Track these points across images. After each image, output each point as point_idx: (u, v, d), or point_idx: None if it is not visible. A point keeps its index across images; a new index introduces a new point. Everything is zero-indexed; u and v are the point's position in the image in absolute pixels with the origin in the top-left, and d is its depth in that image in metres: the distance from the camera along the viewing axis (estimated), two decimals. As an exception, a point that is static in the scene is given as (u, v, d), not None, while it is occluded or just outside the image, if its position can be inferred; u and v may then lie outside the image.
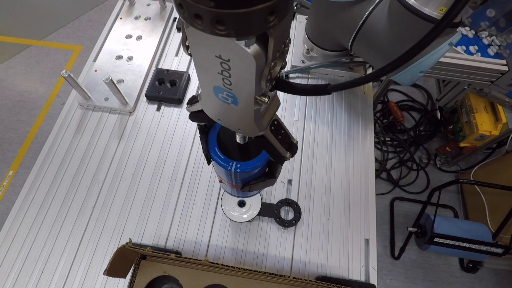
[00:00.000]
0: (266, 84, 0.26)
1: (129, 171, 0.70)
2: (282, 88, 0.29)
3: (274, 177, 0.42)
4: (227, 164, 0.39)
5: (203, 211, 0.67)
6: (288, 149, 0.36)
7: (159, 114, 0.77)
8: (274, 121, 0.34)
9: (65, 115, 0.77)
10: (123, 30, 0.88)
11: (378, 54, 0.64)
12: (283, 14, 0.20)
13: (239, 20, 0.19)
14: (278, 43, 0.23)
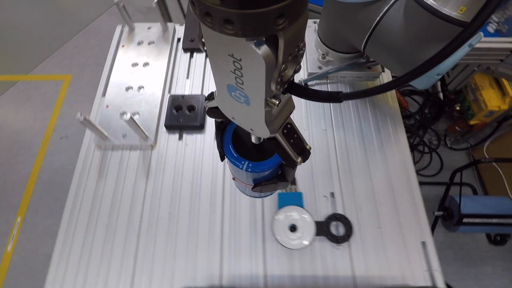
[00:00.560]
0: (276, 87, 0.25)
1: (164, 210, 0.66)
2: (295, 92, 0.29)
3: (286, 181, 0.42)
4: (239, 162, 0.39)
5: (251, 241, 0.63)
6: (300, 153, 0.35)
7: (182, 144, 0.73)
8: (287, 124, 0.34)
9: (84, 160, 0.72)
10: (127, 59, 0.83)
11: (392, 56, 0.62)
12: (294, 17, 0.20)
13: (247, 20, 0.19)
14: (289, 46, 0.23)
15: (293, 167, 0.37)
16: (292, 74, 0.27)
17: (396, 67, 0.63)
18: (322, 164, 0.71)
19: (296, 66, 0.27)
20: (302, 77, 0.81)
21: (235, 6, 0.18)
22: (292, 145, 0.35)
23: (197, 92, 0.80)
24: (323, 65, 0.80)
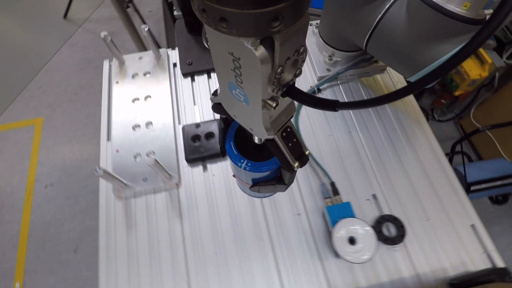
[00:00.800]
0: (272, 89, 0.25)
1: (210, 249, 0.62)
2: (294, 96, 0.28)
3: (284, 184, 0.42)
4: (238, 160, 0.39)
5: (307, 261, 0.60)
6: (298, 158, 0.35)
7: (208, 175, 0.69)
8: (287, 127, 0.34)
9: (106, 216, 0.65)
10: (125, 95, 0.77)
11: (395, 54, 0.61)
12: (290, 21, 0.20)
13: (242, 20, 0.19)
14: (286, 50, 0.23)
15: (290, 171, 0.36)
16: (292, 78, 0.27)
17: (399, 65, 0.62)
18: (356, 167, 0.69)
19: (295, 71, 0.27)
20: (312, 82, 0.79)
21: (230, 5, 0.18)
22: (290, 149, 0.35)
23: (209, 117, 0.75)
24: (331, 67, 0.78)
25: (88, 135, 1.87)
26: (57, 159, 1.80)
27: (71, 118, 1.93)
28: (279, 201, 0.66)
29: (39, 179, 1.74)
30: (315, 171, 0.68)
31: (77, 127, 1.90)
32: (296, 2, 0.19)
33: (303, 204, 0.66)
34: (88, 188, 1.72)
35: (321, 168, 0.67)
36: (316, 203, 0.66)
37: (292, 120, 0.35)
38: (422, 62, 0.56)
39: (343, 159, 0.70)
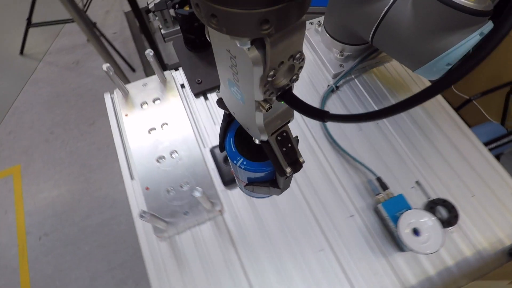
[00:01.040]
0: (264, 91, 0.25)
1: (272, 270, 0.59)
2: (287, 100, 0.28)
3: (278, 188, 0.42)
4: (235, 157, 0.39)
5: (373, 261, 0.59)
6: (291, 164, 0.35)
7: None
8: (282, 132, 0.34)
9: (153, 261, 0.61)
10: (139, 126, 0.72)
11: (401, 47, 0.61)
12: (281, 25, 0.20)
13: (230, 18, 0.19)
14: (278, 54, 0.23)
15: (282, 176, 0.36)
16: (288, 83, 0.27)
17: (405, 58, 0.62)
18: (392, 158, 0.69)
19: (292, 76, 0.27)
20: (327, 81, 0.78)
21: (220, 3, 0.19)
22: (284, 154, 0.35)
23: (233, 134, 0.72)
24: (343, 62, 0.78)
25: (75, 173, 1.76)
26: (46, 206, 1.68)
27: (52, 159, 1.80)
28: (329, 206, 0.64)
29: (31, 231, 1.60)
30: (356, 170, 0.67)
31: (60, 168, 1.78)
32: (287, 8, 0.19)
33: (353, 205, 0.65)
34: (87, 230, 1.61)
35: (362, 165, 0.66)
36: (366, 202, 0.65)
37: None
38: (428, 55, 0.57)
39: (378, 152, 0.70)
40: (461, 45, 0.53)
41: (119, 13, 2.40)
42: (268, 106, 0.28)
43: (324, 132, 0.71)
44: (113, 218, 1.65)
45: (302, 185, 0.66)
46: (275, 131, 0.34)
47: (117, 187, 1.72)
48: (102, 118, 1.93)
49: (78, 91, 2.03)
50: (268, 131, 0.33)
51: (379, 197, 0.62)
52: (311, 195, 0.65)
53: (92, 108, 1.97)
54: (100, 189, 1.72)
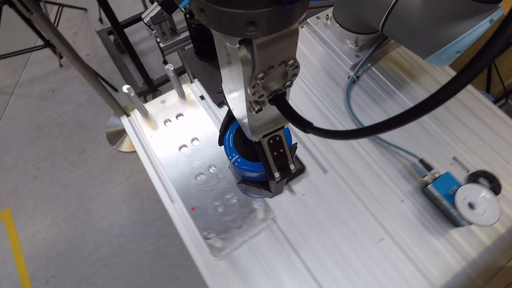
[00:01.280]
0: (253, 92, 0.25)
1: (336, 268, 0.58)
2: (277, 105, 0.28)
3: (270, 191, 0.41)
4: (230, 153, 0.40)
5: (433, 241, 0.60)
6: (280, 169, 0.35)
7: (298, 196, 0.65)
8: (275, 136, 0.34)
9: (215, 281, 0.58)
10: (168, 146, 0.69)
11: (411, 35, 0.62)
12: (268, 29, 0.20)
13: (217, 15, 0.19)
14: (267, 57, 0.23)
15: (271, 180, 0.36)
16: (280, 88, 0.27)
17: (415, 46, 0.63)
18: (425, 138, 0.70)
19: (284, 82, 0.27)
20: (345, 73, 0.79)
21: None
22: (274, 158, 0.34)
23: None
24: (358, 52, 0.78)
25: (73, 206, 1.66)
26: (48, 246, 1.57)
27: (44, 196, 1.69)
28: (378, 194, 0.64)
29: (36, 276, 1.50)
30: (394, 156, 0.68)
31: (56, 203, 1.68)
32: (274, 13, 0.19)
33: (400, 190, 0.65)
34: (98, 264, 1.53)
35: (402, 149, 0.67)
36: (411, 185, 0.66)
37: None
38: (438, 42, 0.57)
39: (411, 135, 0.71)
40: (470, 32, 0.53)
41: (89, 33, 2.30)
42: (259, 108, 0.28)
43: (356, 123, 0.71)
44: (123, 245, 1.58)
45: (347, 178, 0.66)
46: (268, 134, 0.34)
47: (121, 214, 1.65)
48: (92, 145, 1.84)
49: (60, 120, 1.93)
50: (259, 132, 0.33)
51: (426, 179, 0.63)
52: (358, 187, 0.65)
53: (78, 136, 1.87)
54: (103, 219, 1.64)
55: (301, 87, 0.77)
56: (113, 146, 1.83)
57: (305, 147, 0.69)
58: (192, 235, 0.61)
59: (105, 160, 1.80)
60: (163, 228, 1.62)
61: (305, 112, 0.73)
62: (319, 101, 0.74)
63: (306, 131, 0.26)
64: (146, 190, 1.71)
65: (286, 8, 0.19)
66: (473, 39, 0.54)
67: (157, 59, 2.15)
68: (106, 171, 1.76)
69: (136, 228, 1.62)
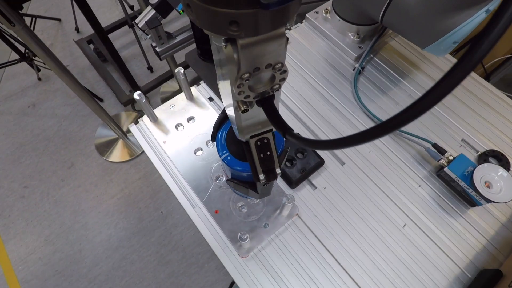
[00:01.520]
0: (238, 92, 0.25)
1: (363, 255, 0.59)
2: (263, 107, 0.28)
3: (257, 192, 0.42)
4: (221, 150, 0.40)
5: (453, 223, 0.62)
6: (266, 172, 0.35)
7: (319, 190, 0.65)
8: (263, 138, 0.34)
9: (246, 283, 0.57)
10: (183, 151, 0.67)
11: (410, 25, 0.63)
12: (251, 31, 0.20)
13: (201, 12, 0.20)
14: (252, 59, 0.23)
15: (256, 181, 0.36)
16: (267, 90, 0.27)
17: (414, 36, 0.65)
18: (434, 123, 0.72)
19: (272, 85, 0.27)
20: (349, 64, 0.80)
21: None
22: (260, 160, 0.35)
23: (279, 136, 0.71)
24: (361, 44, 0.80)
25: (67, 223, 1.60)
26: (43, 266, 1.51)
27: (34, 215, 1.62)
28: (396, 182, 0.66)
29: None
30: (407, 143, 0.70)
31: (48, 221, 1.61)
32: (257, 15, 0.19)
33: (417, 175, 0.67)
34: (99, 279, 1.48)
35: (414, 135, 0.69)
36: (426, 170, 0.67)
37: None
38: (436, 33, 0.59)
39: (420, 121, 0.72)
40: (467, 23, 0.55)
41: (66, 44, 2.22)
42: (245, 108, 0.28)
43: (367, 114, 0.72)
44: (124, 258, 1.53)
45: (365, 168, 0.67)
46: (255, 135, 0.34)
47: (119, 226, 1.60)
48: (81, 158, 1.78)
49: (44, 136, 1.85)
50: (246, 132, 0.33)
51: (441, 162, 0.65)
52: (377, 176, 0.66)
53: (66, 150, 1.80)
54: (100, 233, 1.59)
55: (309, 82, 0.77)
56: (104, 157, 1.77)
57: (320, 141, 0.70)
58: (218, 238, 0.60)
59: (96, 172, 1.74)
60: (164, 236, 1.59)
61: (316, 107, 0.74)
62: (328, 94, 0.75)
63: (285, 136, 0.26)
64: (143, 200, 1.67)
65: (268, 11, 0.19)
66: (469, 30, 0.56)
67: (141, 66, 2.10)
68: (99, 183, 1.71)
69: (136, 239, 1.58)
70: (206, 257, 1.53)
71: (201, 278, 1.50)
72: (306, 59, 0.80)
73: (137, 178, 1.72)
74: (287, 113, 0.73)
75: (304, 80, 0.77)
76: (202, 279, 1.49)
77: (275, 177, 0.35)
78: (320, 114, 0.73)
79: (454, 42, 0.58)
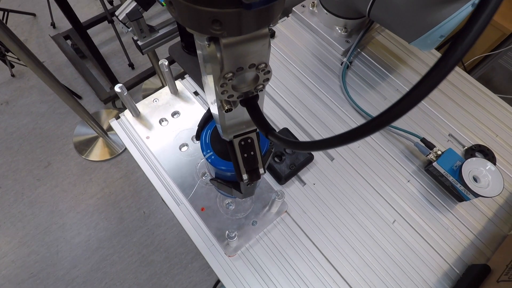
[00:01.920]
0: (221, 91, 0.26)
1: (353, 252, 0.58)
2: (247, 107, 0.28)
3: (240, 192, 0.42)
4: (205, 150, 0.40)
5: (442, 219, 0.62)
6: (249, 172, 0.35)
7: (308, 187, 0.63)
8: (247, 138, 0.34)
9: (233, 283, 0.55)
10: (167, 146, 0.64)
11: (397, 19, 0.63)
12: (234, 30, 0.20)
13: (183, 9, 0.19)
14: (235, 58, 0.23)
15: (240, 181, 0.36)
16: (251, 90, 0.27)
17: (401, 30, 0.64)
18: (421, 118, 0.72)
19: (256, 85, 0.27)
20: (337, 58, 0.79)
21: None
22: (244, 160, 0.35)
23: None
24: (348, 38, 0.79)
25: (44, 224, 1.53)
26: (17, 269, 1.43)
27: (8, 216, 1.54)
28: (385, 177, 0.65)
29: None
30: (395, 138, 0.69)
31: (23, 223, 1.53)
32: (239, 15, 0.19)
33: (406, 170, 0.66)
34: (77, 281, 1.42)
35: (403, 130, 0.68)
36: (415, 165, 0.67)
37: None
38: (423, 27, 0.59)
39: (408, 116, 0.72)
40: (453, 16, 0.54)
41: (41, 39, 2.13)
42: (228, 108, 0.27)
43: (355, 108, 0.72)
44: (104, 259, 1.48)
45: (354, 164, 0.66)
46: (239, 135, 0.34)
47: (99, 226, 1.54)
48: (58, 157, 1.70)
49: (18, 134, 1.76)
50: (230, 132, 0.32)
51: (430, 157, 0.64)
52: (366, 171, 0.65)
53: (42, 149, 1.72)
54: (79, 234, 1.52)
55: (297, 76, 0.75)
56: (83, 156, 1.70)
57: (308, 135, 0.68)
58: (204, 237, 0.58)
59: (75, 171, 1.67)
60: (147, 236, 1.54)
61: (304, 102, 0.72)
62: (317, 89, 0.74)
63: (267, 137, 0.26)
64: (124, 199, 1.61)
65: (251, 11, 0.19)
66: (456, 23, 0.56)
67: (121, 63, 2.04)
68: (78, 183, 1.64)
69: (117, 240, 1.53)
70: (189, 257, 1.50)
71: (185, 278, 1.46)
72: (294, 53, 0.79)
73: (118, 177, 1.67)
74: (275, 108, 0.71)
75: (292, 74, 0.76)
76: (185, 280, 1.46)
77: (258, 177, 0.35)
78: (308, 109, 0.71)
79: (441, 36, 0.58)
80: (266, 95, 0.73)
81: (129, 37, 2.11)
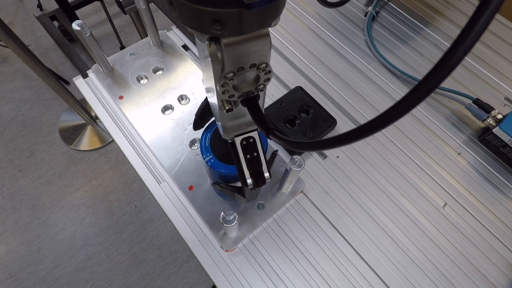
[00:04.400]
0: (222, 91, 0.25)
1: (386, 238, 0.43)
2: (248, 107, 0.27)
3: (244, 197, 0.38)
4: (205, 153, 0.38)
5: (500, 197, 0.47)
6: (253, 175, 0.32)
7: (330, 160, 0.49)
8: (249, 137, 0.32)
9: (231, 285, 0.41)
10: (145, 109, 0.50)
11: None
12: (235, 30, 0.19)
13: (184, 9, 0.19)
14: (236, 58, 0.22)
15: (244, 185, 0.33)
16: (252, 90, 0.26)
17: None
18: (468, 80, 0.58)
19: (257, 85, 0.26)
20: (360, 9, 0.64)
21: None
22: (247, 161, 0.32)
23: (283, 89, 0.54)
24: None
25: (25, 219, 1.39)
26: (-6, 269, 1.29)
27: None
28: (430, 149, 0.51)
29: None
30: (439, 102, 0.55)
31: (1, 218, 1.39)
32: (239, 15, 0.18)
33: (455, 141, 0.52)
34: (60, 282, 1.28)
35: (450, 90, 0.54)
36: (466, 133, 0.52)
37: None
38: None
39: (453, 76, 0.58)
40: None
41: (27, 22, 1.99)
42: (229, 107, 0.26)
43: (385, 65, 0.57)
44: (90, 258, 1.33)
45: (389, 131, 0.51)
46: (241, 134, 0.32)
47: (85, 221, 1.40)
48: (42, 146, 1.56)
49: (-1, 121, 1.62)
50: (231, 131, 0.31)
51: (487, 122, 0.50)
52: (404, 141, 0.51)
53: (24, 138, 1.58)
54: (64, 230, 1.38)
55: (313, 30, 0.61)
56: (70, 146, 1.56)
57: (328, 97, 0.54)
58: (193, 225, 0.43)
59: (60, 162, 1.53)
60: (138, 232, 1.40)
61: (323, 59, 0.58)
62: (337, 44, 0.59)
63: (268, 137, 0.24)
64: (114, 191, 1.47)
65: (252, 11, 0.18)
66: None
67: (113, 46, 1.90)
68: (63, 174, 1.50)
69: (105, 236, 1.38)
70: (185, 256, 1.35)
71: (180, 279, 1.32)
72: (309, 3, 0.64)
73: (107, 168, 1.52)
74: (288, 67, 0.57)
75: (305, 27, 0.61)
76: (180, 281, 1.32)
77: (263, 182, 0.33)
78: (327, 66, 0.57)
79: None
80: (274, 50, 0.59)
81: (121, 19, 1.97)
